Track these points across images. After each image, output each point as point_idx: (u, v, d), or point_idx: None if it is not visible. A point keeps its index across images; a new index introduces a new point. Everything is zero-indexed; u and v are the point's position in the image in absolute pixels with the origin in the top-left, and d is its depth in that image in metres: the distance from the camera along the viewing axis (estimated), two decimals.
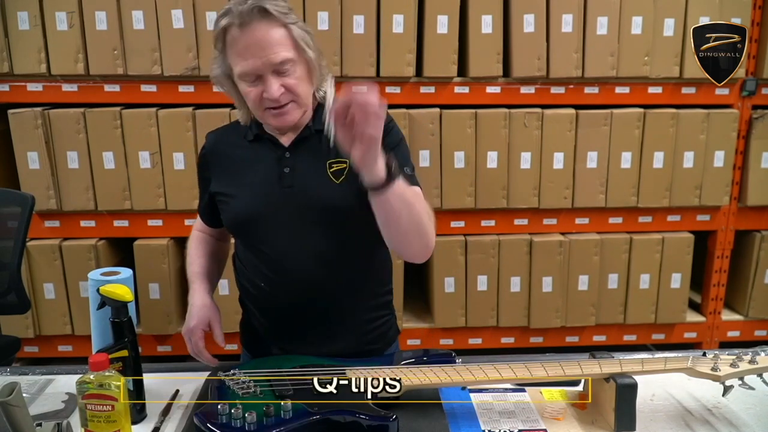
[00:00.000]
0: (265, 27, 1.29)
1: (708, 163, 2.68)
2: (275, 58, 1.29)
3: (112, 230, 2.62)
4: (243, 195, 1.44)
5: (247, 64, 1.30)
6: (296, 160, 1.41)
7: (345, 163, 1.39)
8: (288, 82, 1.32)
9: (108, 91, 2.53)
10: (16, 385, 1.04)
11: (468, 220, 2.68)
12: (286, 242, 1.42)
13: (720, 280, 2.85)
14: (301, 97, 1.35)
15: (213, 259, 1.61)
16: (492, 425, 1.21)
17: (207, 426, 1.11)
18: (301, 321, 1.46)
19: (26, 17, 2.42)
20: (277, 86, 1.31)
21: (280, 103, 1.33)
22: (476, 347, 2.76)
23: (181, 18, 2.43)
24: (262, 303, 1.54)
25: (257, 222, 1.43)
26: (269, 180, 1.42)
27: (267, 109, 1.35)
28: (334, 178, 1.39)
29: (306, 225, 1.40)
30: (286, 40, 1.31)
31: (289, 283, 1.44)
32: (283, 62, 1.30)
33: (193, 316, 1.46)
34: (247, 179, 1.44)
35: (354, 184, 1.35)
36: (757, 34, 2.64)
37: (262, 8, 1.28)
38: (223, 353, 2.83)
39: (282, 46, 1.30)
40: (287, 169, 1.41)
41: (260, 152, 1.44)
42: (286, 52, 1.31)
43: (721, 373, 1.18)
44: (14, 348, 2.27)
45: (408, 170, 1.37)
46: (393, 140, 1.40)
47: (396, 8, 2.46)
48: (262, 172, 1.43)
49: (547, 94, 2.61)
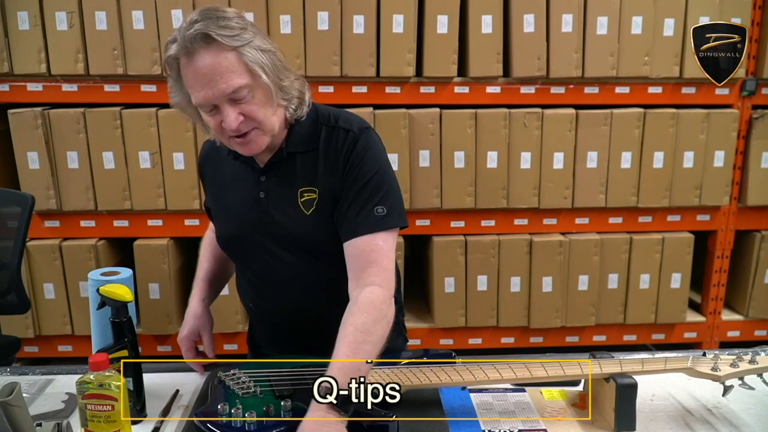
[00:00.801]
0: (212, 55, 1.17)
1: (708, 163, 2.68)
2: (226, 89, 1.18)
3: (112, 230, 2.62)
4: (226, 214, 1.43)
5: (199, 95, 1.21)
6: (270, 184, 1.35)
7: (315, 192, 1.32)
8: (246, 110, 1.21)
9: (108, 91, 2.53)
10: (16, 385, 1.04)
11: (468, 220, 2.68)
12: (266, 266, 1.39)
13: (720, 280, 2.85)
14: (263, 123, 1.24)
15: (219, 263, 1.59)
16: (492, 425, 1.21)
17: (207, 426, 1.11)
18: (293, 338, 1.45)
19: (26, 17, 2.42)
20: (234, 115, 1.20)
21: (241, 132, 1.23)
22: (476, 347, 2.76)
23: (180, 18, 2.43)
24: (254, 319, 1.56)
25: (237, 244, 1.42)
26: (248, 202, 1.37)
27: (231, 138, 1.26)
28: (304, 209, 1.33)
29: (284, 250, 1.37)
30: (237, 65, 1.19)
31: (274, 305, 1.44)
32: (236, 90, 1.19)
33: (185, 325, 1.46)
34: (231, 198, 1.41)
35: (324, 216, 1.32)
36: (757, 34, 2.64)
37: (205, 34, 1.16)
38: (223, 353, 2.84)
39: (232, 73, 1.18)
40: (262, 194, 1.36)
41: (241, 172, 1.39)
42: (238, 79, 1.19)
43: (721, 373, 1.18)
44: (14, 348, 2.27)
45: (380, 210, 1.29)
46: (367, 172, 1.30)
47: (396, 8, 2.46)
48: (242, 194, 1.39)
49: (547, 94, 2.61)
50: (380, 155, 1.35)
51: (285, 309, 1.42)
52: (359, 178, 1.30)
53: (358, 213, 1.29)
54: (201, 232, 2.52)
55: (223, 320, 2.66)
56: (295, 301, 1.40)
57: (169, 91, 1.30)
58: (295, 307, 1.41)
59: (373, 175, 1.31)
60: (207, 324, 1.48)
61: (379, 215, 1.29)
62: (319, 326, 1.37)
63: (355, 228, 1.28)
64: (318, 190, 1.32)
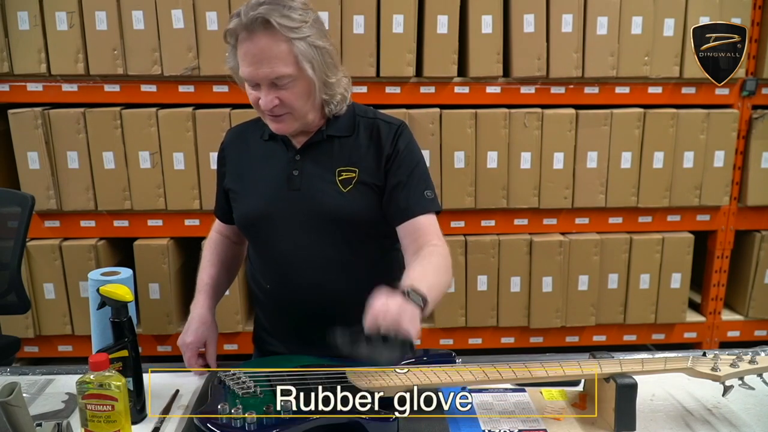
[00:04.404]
0: (267, 39, 1.27)
1: (708, 163, 2.68)
2: (270, 74, 1.28)
3: (112, 230, 2.62)
4: (252, 193, 1.45)
5: (246, 71, 1.30)
6: (306, 163, 1.42)
7: (354, 172, 1.40)
8: (284, 95, 1.31)
9: (108, 91, 2.53)
10: (16, 385, 1.04)
11: (468, 220, 2.68)
12: (292, 245, 1.41)
13: (720, 280, 2.85)
14: (297, 111, 1.34)
15: (224, 268, 1.60)
16: (492, 425, 1.21)
17: (207, 426, 1.11)
18: (307, 324, 1.46)
19: (26, 17, 2.42)
20: (270, 98, 1.30)
21: (274, 113, 1.34)
22: (476, 347, 2.76)
23: (181, 18, 2.43)
24: (269, 305, 1.54)
25: (264, 222, 1.43)
26: (278, 181, 1.42)
27: (264, 113, 1.36)
28: (341, 186, 1.39)
29: (312, 229, 1.40)
30: (287, 56, 1.28)
31: (294, 287, 1.44)
32: (279, 77, 1.29)
33: (191, 332, 1.45)
34: (258, 177, 1.45)
35: (360, 194, 1.39)
36: (757, 34, 2.64)
37: (265, 20, 1.25)
38: (223, 353, 2.84)
39: (280, 61, 1.28)
40: (296, 172, 1.41)
41: (273, 152, 1.45)
42: (284, 67, 1.28)
43: (721, 373, 1.18)
44: (14, 348, 2.27)
45: (429, 194, 1.43)
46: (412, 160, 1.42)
47: (396, 8, 2.46)
48: (272, 172, 1.43)
49: (547, 94, 2.61)
50: (418, 147, 1.48)
51: (303, 290, 1.43)
52: (408, 165, 1.42)
53: (411, 196, 1.41)
54: (201, 232, 2.54)
55: (223, 320, 2.66)
56: (314, 283, 1.42)
57: (226, 55, 1.39)
58: (313, 289, 1.42)
59: (418, 163, 1.44)
60: (214, 333, 1.48)
61: (429, 198, 1.43)
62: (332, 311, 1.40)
63: (412, 209, 1.40)
64: (358, 170, 1.40)
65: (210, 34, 2.45)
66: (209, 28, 2.44)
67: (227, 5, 2.43)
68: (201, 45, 2.46)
